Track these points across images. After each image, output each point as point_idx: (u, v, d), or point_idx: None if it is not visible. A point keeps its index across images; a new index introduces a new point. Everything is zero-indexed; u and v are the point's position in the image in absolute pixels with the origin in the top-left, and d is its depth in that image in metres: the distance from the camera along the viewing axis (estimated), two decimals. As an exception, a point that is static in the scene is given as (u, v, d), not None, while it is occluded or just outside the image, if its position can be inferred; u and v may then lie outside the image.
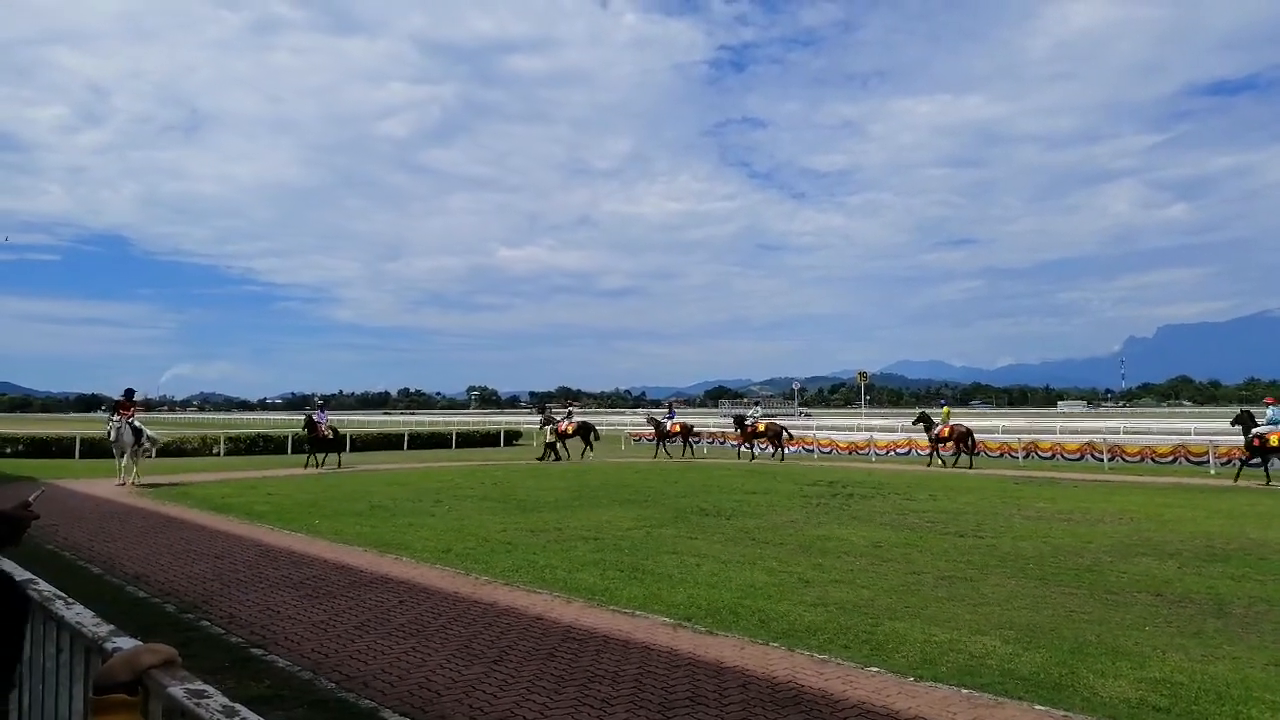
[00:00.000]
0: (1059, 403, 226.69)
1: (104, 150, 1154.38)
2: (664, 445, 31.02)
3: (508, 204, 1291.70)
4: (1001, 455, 28.76)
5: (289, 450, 34.16)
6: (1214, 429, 33.56)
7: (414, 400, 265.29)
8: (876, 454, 31.09)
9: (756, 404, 35.62)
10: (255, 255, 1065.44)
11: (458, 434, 42.38)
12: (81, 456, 29.06)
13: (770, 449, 29.94)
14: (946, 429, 26.93)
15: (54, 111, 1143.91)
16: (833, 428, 43.79)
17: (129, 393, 21.21)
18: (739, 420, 30.82)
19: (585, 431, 29.62)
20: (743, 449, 30.43)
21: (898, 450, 31.30)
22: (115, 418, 20.41)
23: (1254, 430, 21.17)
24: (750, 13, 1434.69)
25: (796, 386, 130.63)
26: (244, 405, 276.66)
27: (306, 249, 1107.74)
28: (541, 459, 28.14)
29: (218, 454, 32.29)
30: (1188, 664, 6.19)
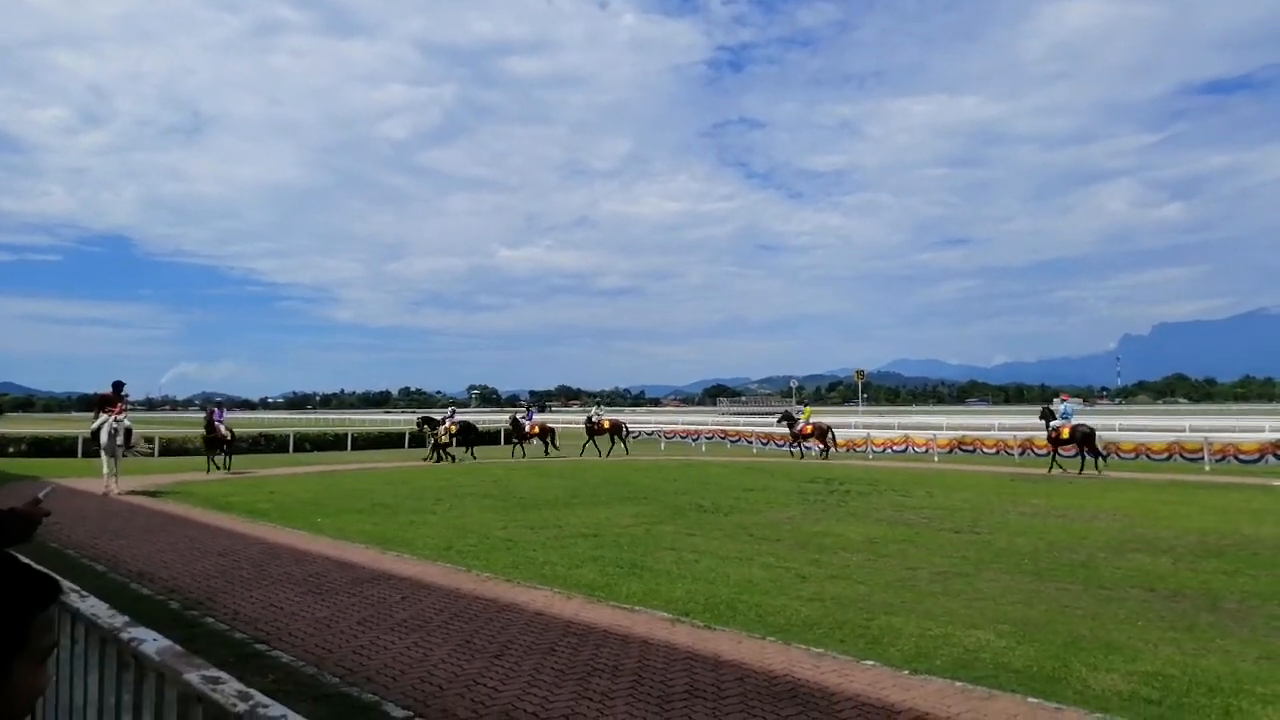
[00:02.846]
0: (1054, 400, 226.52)
1: (105, 152, 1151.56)
2: (521, 445, 31.49)
3: (506, 204, 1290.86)
4: (998, 453, 28.87)
5: (290, 449, 34.31)
6: (1209, 425, 33.67)
7: (414, 399, 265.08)
8: (874, 451, 31.21)
9: (598, 403, 36.26)
10: (256, 256, 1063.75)
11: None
12: (84, 456, 29.09)
13: (613, 442, 31.80)
14: (809, 426, 30.02)
15: (54, 113, 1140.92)
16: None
17: (118, 386, 19.20)
18: (589, 419, 32.97)
19: (465, 433, 29.30)
20: (589, 444, 32.43)
21: (894, 448, 31.42)
22: (103, 415, 18.35)
23: (1052, 424, 23.57)
24: (748, 13, 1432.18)
25: (794, 385, 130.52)
26: (245, 404, 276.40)
27: (307, 249, 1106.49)
28: (427, 460, 27.89)
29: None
30: (1180, 657, 6.28)
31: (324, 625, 7.32)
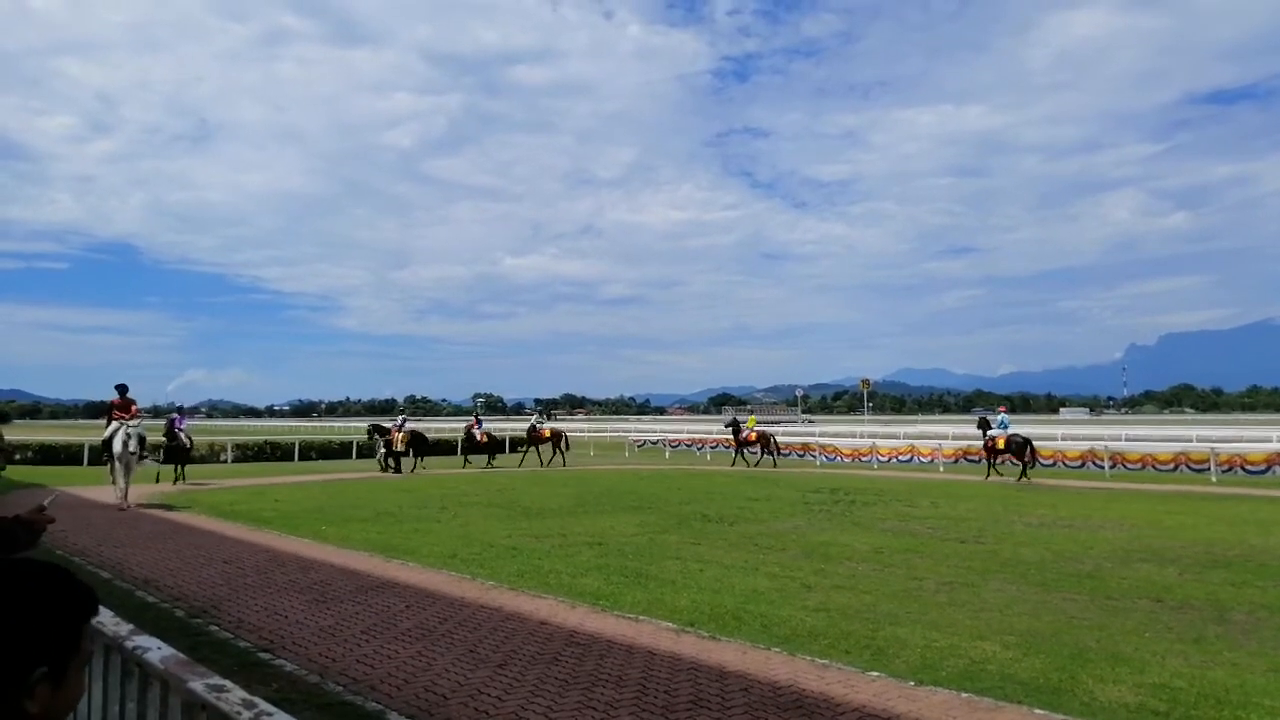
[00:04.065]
0: (1061, 410, 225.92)
1: (113, 160, 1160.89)
2: (481, 455, 31.46)
3: (512, 213, 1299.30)
4: (1003, 462, 28.73)
5: (295, 457, 34.35)
6: (1215, 435, 33.54)
7: (419, 407, 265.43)
8: (879, 460, 31.13)
9: (540, 412, 35.98)
10: (262, 264, 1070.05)
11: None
12: (90, 464, 29.17)
13: (553, 452, 31.62)
14: (753, 434, 31.40)
15: (63, 121, 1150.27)
16: (836, 434, 43.82)
17: (122, 389, 17.88)
18: (531, 428, 33.27)
19: (416, 443, 28.40)
20: (529, 453, 32.52)
21: (899, 457, 31.32)
22: (114, 422, 17.29)
23: (989, 433, 25.03)
24: (753, 24, 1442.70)
25: (799, 394, 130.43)
26: (252, 412, 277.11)
27: (313, 257, 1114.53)
28: (383, 470, 27.16)
29: (225, 461, 32.37)
30: (1187, 670, 6.24)
31: (328, 634, 7.31)
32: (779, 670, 6.22)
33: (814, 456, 33.47)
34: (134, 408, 17.99)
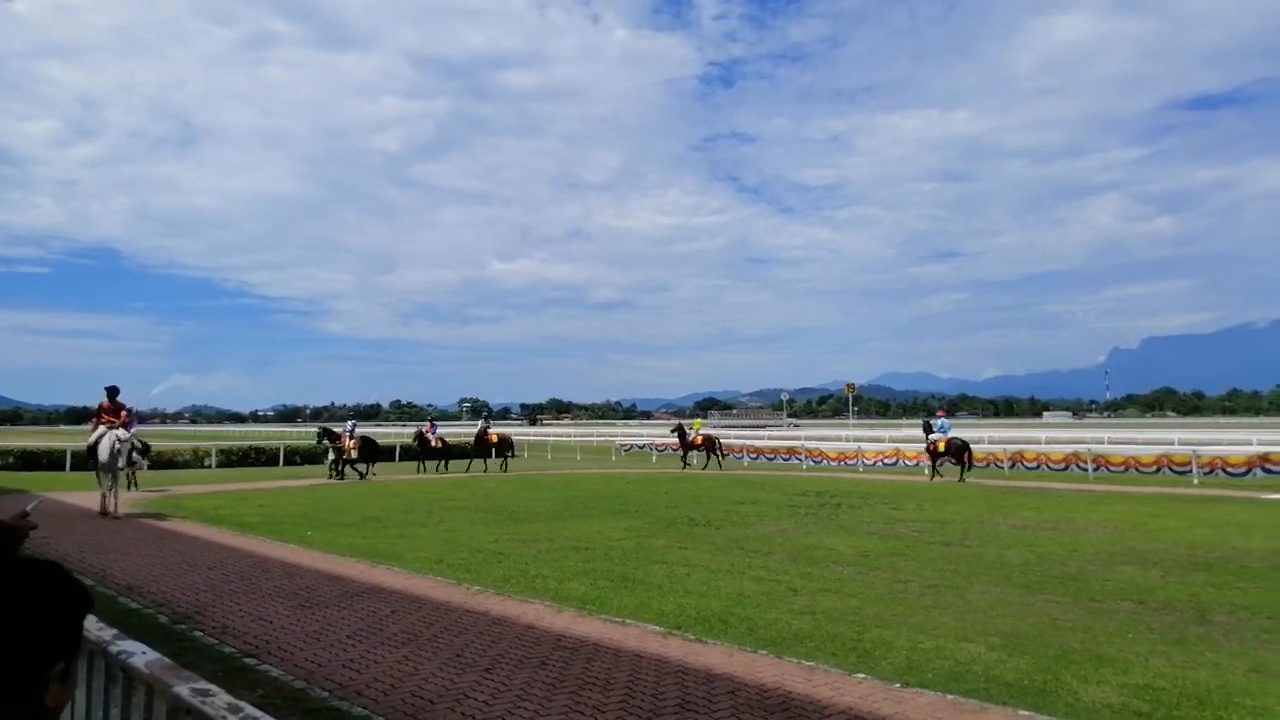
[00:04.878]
0: (1044, 413, 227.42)
1: (96, 164, 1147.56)
2: (425, 460, 31.42)
3: (499, 217, 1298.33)
4: (987, 465, 28.90)
5: (280, 462, 34.13)
6: (1197, 438, 33.84)
7: (405, 412, 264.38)
8: (864, 464, 31.26)
9: (485, 417, 35.78)
10: (248, 268, 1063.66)
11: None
12: (72, 469, 28.90)
13: (497, 456, 31.32)
14: (699, 438, 32.76)
15: (45, 125, 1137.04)
16: (821, 437, 43.97)
17: (113, 391, 16.92)
18: (481, 433, 33.01)
19: (367, 448, 28.03)
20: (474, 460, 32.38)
21: (885, 460, 31.45)
22: (100, 427, 16.42)
23: (930, 437, 26.04)
24: (739, 29, 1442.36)
25: (785, 398, 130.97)
26: (236, 417, 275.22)
27: (299, 261, 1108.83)
28: (331, 477, 26.67)
29: (210, 466, 32.15)
30: (1170, 670, 6.30)
31: (314, 639, 7.28)
32: (766, 672, 6.24)
33: (800, 460, 33.56)
34: (124, 413, 17.04)
